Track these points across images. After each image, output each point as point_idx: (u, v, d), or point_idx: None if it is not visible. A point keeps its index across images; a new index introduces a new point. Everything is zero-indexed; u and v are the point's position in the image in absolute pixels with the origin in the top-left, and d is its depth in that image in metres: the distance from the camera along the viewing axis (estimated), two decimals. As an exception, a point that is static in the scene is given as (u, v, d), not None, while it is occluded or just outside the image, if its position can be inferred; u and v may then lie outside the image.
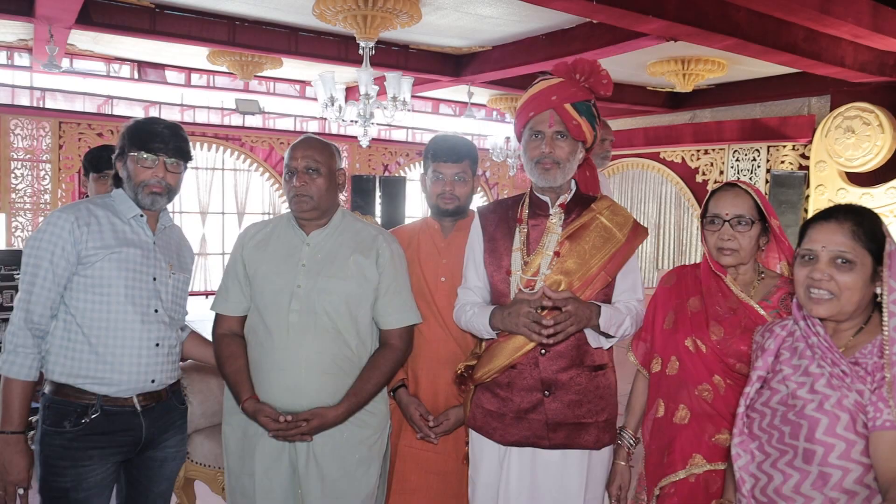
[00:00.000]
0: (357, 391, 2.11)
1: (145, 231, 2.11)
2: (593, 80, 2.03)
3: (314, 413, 2.05)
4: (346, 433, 2.12)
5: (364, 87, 5.60)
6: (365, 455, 2.17)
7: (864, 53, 6.44)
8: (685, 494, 1.88)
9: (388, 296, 2.17)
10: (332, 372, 2.09)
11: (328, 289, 2.10)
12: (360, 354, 2.15)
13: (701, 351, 1.88)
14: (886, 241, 1.47)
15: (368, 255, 2.16)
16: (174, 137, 2.10)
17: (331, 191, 2.17)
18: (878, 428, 1.36)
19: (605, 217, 2.05)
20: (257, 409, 2.07)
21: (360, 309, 2.14)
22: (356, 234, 2.22)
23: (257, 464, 2.12)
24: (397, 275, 2.20)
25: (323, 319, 2.09)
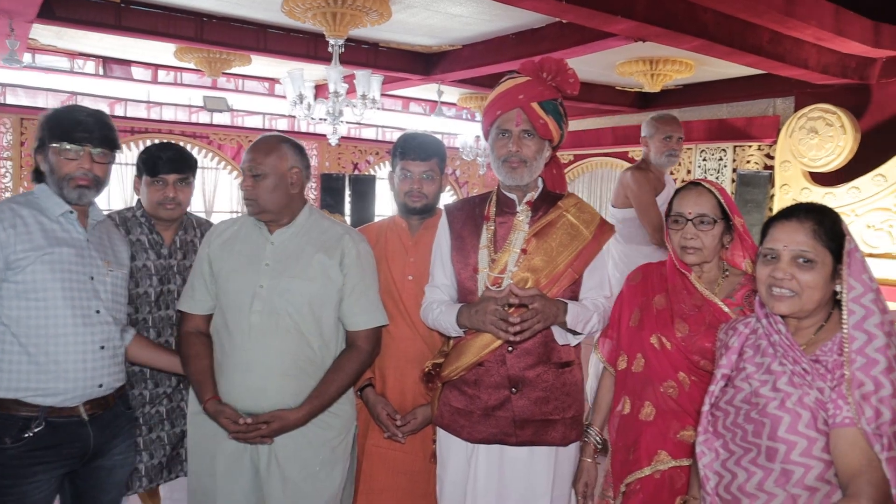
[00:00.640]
0: (319, 393, 2.08)
1: (76, 228, 2.00)
2: (560, 79, 2.04)
3: (274, 415, 2.03)
4: (309, 435, 2.10)
5: (333, 84, 5.56)
6: (328, 457, 2.15)
7: (827, 56, 6.55)
8: (650, 491, 1.90)
9: (354, 297, 2.15)
10: (293, 374, 2.07)
11: (291, 289, 2.07)
12: (323, 356, 2.12)
13: (666, 348, 1.90)
14: (846, 239, 1.49)
15: (333, 256, 2.13)
16: (99, 125, 1.98)
17: (279, 193, 2.10)
18: (837, 425, 1.38)
19: (572, 215, 2.06)
20: (218, 411, 2.05)
21: (323, 310, 2.11)
22: (322, 233, 2.19)
23: (219, 464, 2.10)
24: (363, 275, 2.17)
25: (285, 320, 2.06)
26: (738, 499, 1.48)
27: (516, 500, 2.04)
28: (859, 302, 1.43)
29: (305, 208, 2.21)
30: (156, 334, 2.45)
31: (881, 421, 1.34)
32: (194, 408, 2.17)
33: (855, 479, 1.35)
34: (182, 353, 2.19)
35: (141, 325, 2.39)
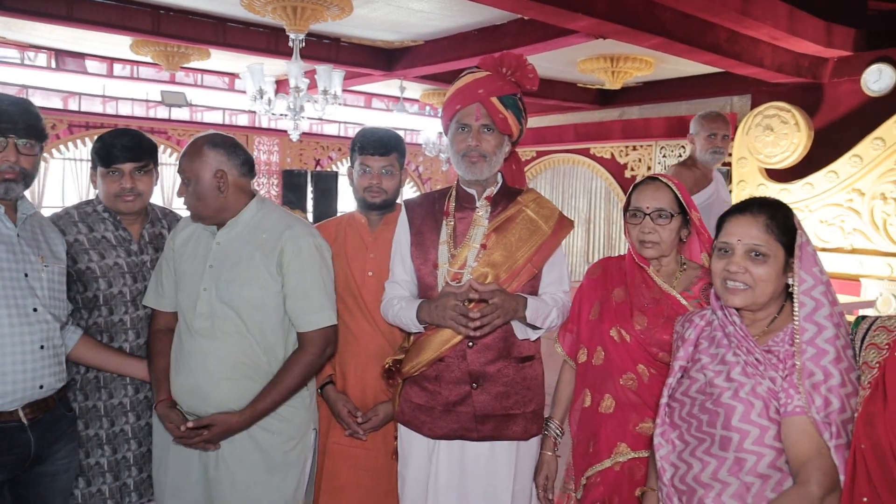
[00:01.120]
0: (263, 396, 2.03)
1: (5, 224, 1.89)
2: (520, 75, 2.04)
3: (215, 419, 2.00)
4: (258, 439, 2.07)
5: (294, 80, 5.51)
6: (280, 461, 2.10)
7: (782, 55, 6.70)
8: (610, 483, 1.92)
9: (295, 297, 2.06)
10: (234, 378, 2.02)
11: (231, 292, 2.02)
12: (270, 359, 2.06)
13: (625, 341, 1.92)
14: (798, 233, 1.52)
15: (270, 256, 2.05)
16: (24, 115, 1.87)
17: (208, 197, 2.04)
18: (789, 413, 1.41)
19: (531, 210, 2.07)
20: (164, 415, 2.04)
21: (266, 312, 2.05)
22: (262, 232, 2.09)
23: (171, 460, 2.09)
24: (304, 274, 2.06)
25: (227, 324, 2.02)
26: (694, 489, 1.50)
27: (478, 495, 2.04)
28: (810, 294, 1.46)
29: (252, 204, 2.11)
30: (135, 336, 2.21)
31: (830, 410, 1.38)
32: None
33: (805, 465, 1.38)
34: (147, 351, 2.16)
35: (118, 327, 2.20)
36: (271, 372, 2.06)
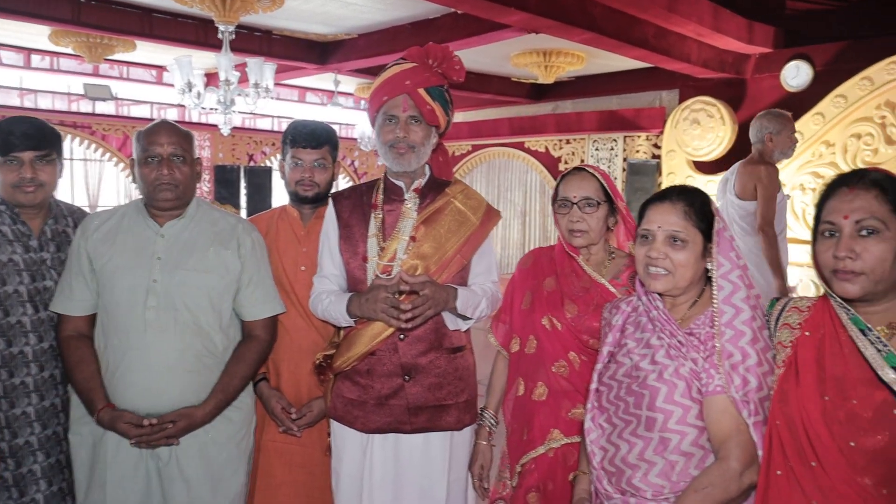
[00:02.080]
0: (224, 387, 2.03)
1: None
2: (446, 66, 2.04)
3: (181, 414, 1.95)
4: (213, 432, 2.04)
5: (224, 73, 5.39)
6: (233, 454, 2.09)
7: (707, 51, 6.91)
8: (545, 469, 1.95)
9: (251, 286, 2.11)
10: (195, 369, 2.00)
11: (188, 282, 2.00)
12: (224, 349, 2.07)
13: (557, 329, 1.95)
14: (715, 219, 1.57)
15: (229, 246, 2.09)
16: None
17: (193, 180, 2.09)
18: (709, 393, 1.46)
19: (460, 201, 2.08)
20: (115, 417, 1.92)
21: (223, 302, 2.06)
22: (214, 223, 2.12)
23: (110, 474, 1.98)
24: (259, 264, 2.14)
25: (184, 315, 1.99)
26: (622, 470, 1.54)
27: (413, 487, 2.05)
28: (727, 278, 1.51)
29: (194, 199, 2.15)
30: (37, 339, 2.10)
31: (748, 388, 1.43)
32: (79, 416, 2.04)
33: (725, 442, 1.43)
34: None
35: (16, 330, 2.06)
36: (224, 361, 2.06)
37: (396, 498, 2.05)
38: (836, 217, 1.35)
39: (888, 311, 1.34)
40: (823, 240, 1.38)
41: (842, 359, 1.35)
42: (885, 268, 1.30)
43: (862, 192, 1.33)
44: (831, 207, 1.37)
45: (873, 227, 1.30)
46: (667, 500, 1.48)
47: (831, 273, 1.35)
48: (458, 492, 2.11)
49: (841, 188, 1.37)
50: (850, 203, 1.33)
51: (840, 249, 1.32)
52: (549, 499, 1.91)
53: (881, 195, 1.32)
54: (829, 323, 1.40)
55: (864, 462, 1.28)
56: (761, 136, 4.03)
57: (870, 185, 1.33)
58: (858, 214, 1.32)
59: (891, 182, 1.34)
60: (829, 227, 1.36)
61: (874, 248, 1.30)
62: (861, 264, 1.31)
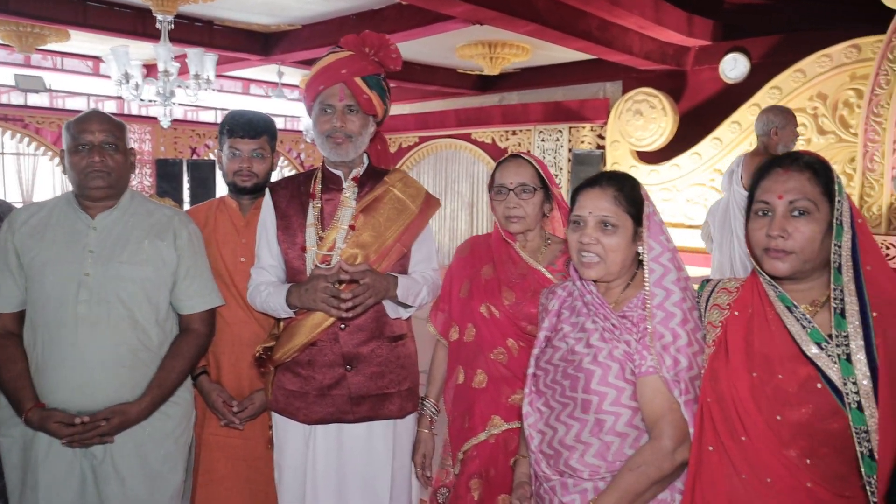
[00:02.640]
0: (160, 382, 1.99)
1: None
2: (383, 54, 2.04)
3: (115, 410, 1.90)
4: (149, 428, 2.00)
5: (163, 63, 5.25)
6: (171, 450, 2.05)
7: (649, 43, 7.04)
8: (486, 455, 1.96)
9: (189, 279, 2.07)
10: (130, 365, 1.95)
11: (122, 275, 1.95)
12: (160, 343, 2.03)
13: (495, 316, 1.96)
14: (645, 204, 1.61)
15: (165, 238, 2.04)
16: None
17: (126, 170, 2.04)
18: (642, 374, 1.49)
19: (398, 189, 2.08)
20: (45, 417, 1.87)
21: (159, 295, 2.02)
22: (148, 215, 2.08)
23: (42, 476, 1.92)
24: (196, 256, 2.10)
25: (118, 309, 1.94)
26: (560, 452, 1.56)
27: (357, 476, 2.04)
28: (658, 261, 1.54)
29: (128, 191, 2.09)
30: None
31: (679, 368, 1.46)
32: (7, 417, 1.97)
33: (658, 422, 1.46)
34: None
35: None
36: (161, 356, 2.02)
37: (340, 488, 2.04)
38: (770, 197, 1.39)
39: (813, 290, 1.39)
40: (757, 219, 1.42)
41: (769, 336, 1.40)
42: (813, 247, 1.35)
43: (795, 174, 1.37)
44: (766, 187, 1.41)
45: (805, 207, 1.35)
46: (603, 480, 1.51)
47: (763, 251, 1.39)
48: (403, 480, 2.12)
49: (775, 169, 1.41)
50: (784, 184, 1.37)
51: (773, 228, 1.36)
52: (491, 485, 1.93)
53: (813, 177, 1.37)
54: (757, 302, 1.44)
55: (789, 435, 1.33)
56: (767, 129, 4.17)
57: (803, 167, 1.38)
58: (792, 195, 1.36)
59: (822, 165, 1.39)
60: (763, 206, 1.40)
61: (805, 228, 1.35)
62: (792, 243, 1.35)
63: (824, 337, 1.33)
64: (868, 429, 1.25)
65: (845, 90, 6.26)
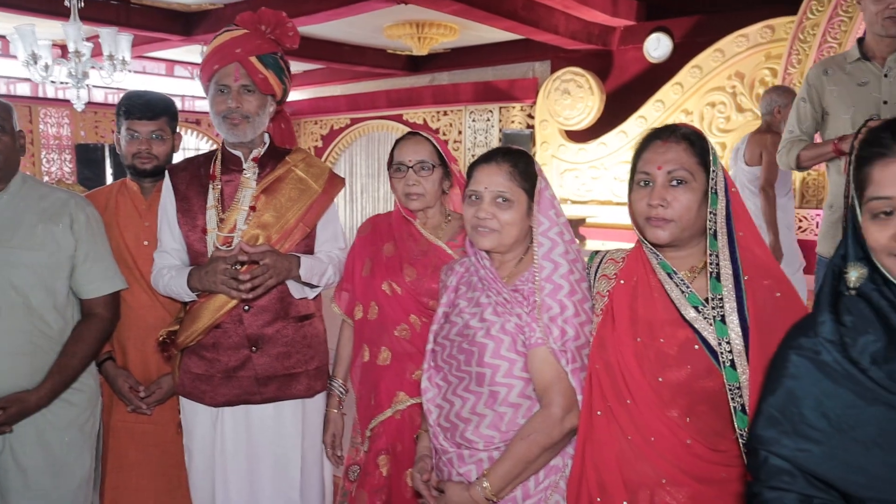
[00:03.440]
0: (61, 368, 1.94)
1: None
2: (279, 32, 2.01)
3: (11, 399, 1.85)
4: (51, 416, 1.95)
5: (73, 44, 5.05)
6: (76, 438, 2.01)
7: (574, 23, 7.12)
8: (393, 432, 1.98)
9: (88, 263, 2.02)
10: (27, 352, 1.90)
11: (13, 261, 1.89)
12: (60, 329, 1.98)
13: (397, 293, 1.98)
14: (538, 179, 1.64)
15: (60, 221, 1.98)
16: None
17: (15, 153, 1.96)
18: (532, 345, 1.53)
19: (301, 169, 2.06)
20: None
21: (56, 280, 1.96)
22: (41, 198, 2.01)
23: None
24: (96, 240, 2.05)
25: (10, 295, 1.88)
26: (456, 425, 1.59)
27: (267, 457, 2.05)
28: (547, 235, 1.58)
29: (19, 174, 2.02)
30: None
31: (566, 338, 1.50)
32: None
33: (547, 391, 1.51)
34: None
35: None
36: (62, 343, 1.97)
37: (251, 469, 2.04)
38: (650, 168, 1.43)
39: (691, 256, 1.45)
40: (639, 189, 1.46)
41: (651, 302, 1.45)
42: (691, 216, 1.40)
43: (673, 145, 1.43)
44: (646, 159, 1.46)
45: (682, 177, 1.40)
46: (497, 450, 1.54)
47: (645, 220, 1.44)
48: (314, 459, 2.12)
49: (655, 141, 1.46)
50: (662, 155, 1.42)
51: (653, 198, 1.41)
52: (398, 460, 1.95)
53: (690, 148, 1.42)
54: (641, 270, 1.50)
55: (670, 395, 1.39)
56: (770, 108, 4.27)
57: (680, 138, 1.43)
58: (670, 165, 1.41)
59: (698, 137, 1.45)
60: (644, 176, 1.45)
61: (683, 197, 1.40)
62: (671, 212, 1.40)
63: (701, 301, 1.39)
64: (740, 385, 1.32)
65: (761, 69, 6.48)
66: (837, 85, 2.62)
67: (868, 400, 1.05)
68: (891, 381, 1.04)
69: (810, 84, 2.72)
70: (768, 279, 1.38)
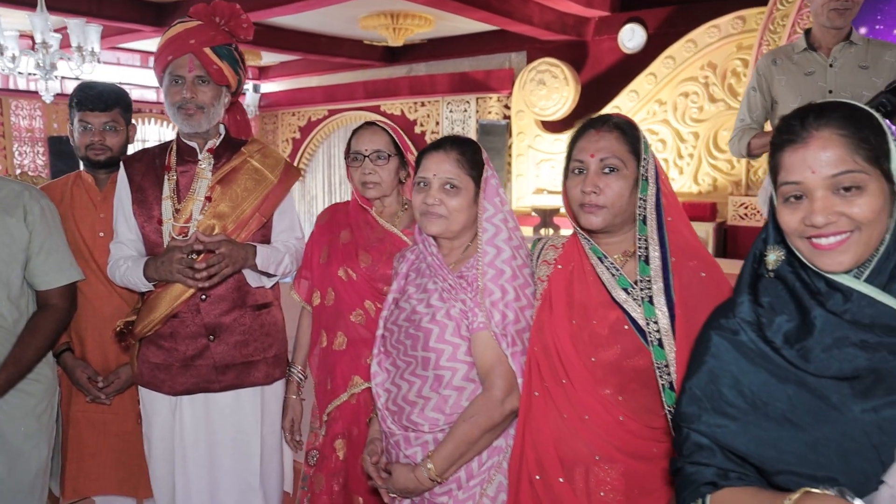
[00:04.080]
0: (16, 359, 1.94)
1: None
2: (233, 24, 2.02)
3: None
4: (7, 406, 1.96)
5: (40, 34, 5.00)
6: (33, 428, 2.02)
7: (548, 14, 7.15)
8: (349, 416, 2.02)
9: (43, 254, 2.02)
10: None
11: None
12: (14, 321, 1.98)
13: (352, 279, 2.01)
14: (485, 168, 1.67)
15: (14, 214, 1.98)
16: None
17: None
18: (474, 330, 1.57)
19: (256, 160, 2.08)
20: None
21: (10, 272, 1.96)
22: None
23: None
24: (51, 232, 2.05)
25: None
26: (403, 408, 1.63)
27: (227, 444, 2.07)
28: (491, 221, 1.61)
29: None
30: None
31: (506, 322, 1.54)
32: None
33: (489, 374, 1.55)
34: None
35: None
36: (16, 335, 1.97)
37: (210, 457, 2.07)
38: (583, 156, 1.48)
39: (624, 241, 1.50)
40: (573, 177, 1.51)
41: (586, 286, 1.50)
42: (622, 202, 1.45)
43: (606, 134, 1.47)
44: (580, 147, 1.50)
45: (614, 165, 1.45)
46: (442, 432, 1.58)
47: (579, 207, 1.48)
48: (273, 445, 2.16)
49: (589, 130, 1.50)
50: (595, 143, 1.47)
51: (587, 185, 1.46)
52: (355, 444, 1.99)
53: (622, 137, 1.47)
54: (577, 256, 1.54)
55: (602, 374, 1.44)
56: None
57: (612, 127, 1.48)
58: (603, 153, 1.45)
59: (630, 126, 1.50)
60: (578, 164, 1.49)
61: (615, 184, 1.45)
62: (604, 199, 1.45)
63: (630, 283, 1.44)
64: (668, 363, 1.37)
65: (733, 60, 6.55)
66: (785, 74, 2.69)
67: (780, 378, 1.10)
68: (802, 359, 1.08)
69: (760, 74, 2.78)
70: (694, 260, 1.43)
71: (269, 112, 10.77)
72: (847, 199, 1.03)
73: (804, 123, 1.06)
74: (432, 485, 1.55)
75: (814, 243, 1.06)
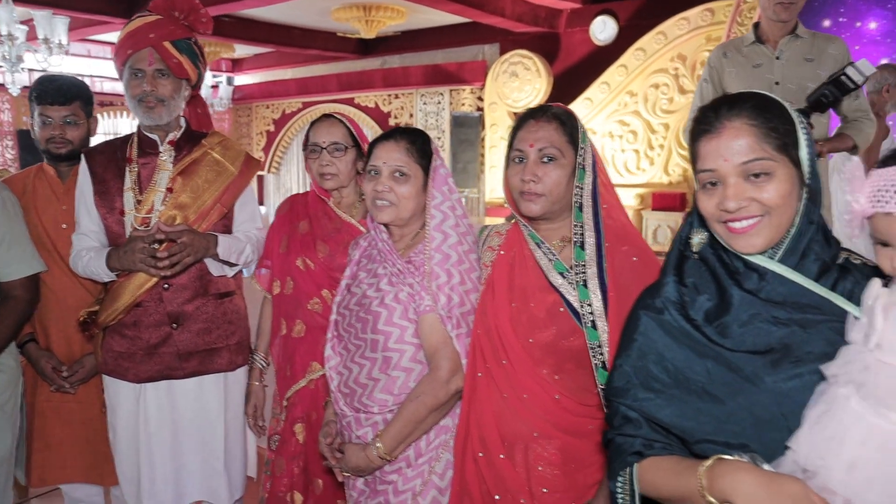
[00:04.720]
0: None
1: None
2: (193, 18, 2.07)
3: None
4: None
5: (6, 26, 4.97)
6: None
7: (521, 5, 7.20)
8: (308, 400, 2.08)
9: (5, 246, 2.05)
10: None
11: None
12: None
13: (310, 268, 2.06)
14: (433, 157, 1.73)
15: None
16: None
17: None
18: (421, 312, 1.63)
19: (217, 152, 2.13)
20: None
21: None
22: None
23: None
24: (12, 223, 2.08)
25: None
26: (354, 390, 1.69)
27: (191, 430, 2.13)
28: (439, 208, 1.67)
29: None
30: None
31: (451, 305, 1.61)
32: None
33: (434, 355, 1.61)
34: None
35: None
36: None
37: (175, 443, 2.12)
38: (523, 145, 1.54)
39: (562, 228, 1.57)
40: (514, 166, 1.57)
41: (526, 271, 1.57)
42: (560, 190, 1.52)
43: (545, 124, 1.53)
44: (520, 137, 1.56)
45: (552, 154, 1.51)
46: (391, 412, 1.64)
47: (519, 195, 1.55)
48: (237, 431, 2.21)
49: (529, 121, 1.57)
50: (535, 133, 1.53)
51: (526, 174, 1.52)
52: (313, 428, 2.05)
53: (560, 127, 1.53)
54: (518, 242, 1.61)
55: (539, 354, 1.51)
56: (879, 87, 4.16)
57: (551, 118, 1.54)
58: (541, 143, 1.52)
59: (568, 116, 1.56)
60: (519, 153, 1.55)
61: (553, 173, 1.51)
62: (542, 187, 1.51)
63: (566, 267, 1.51)
64: (601, 343, 1.44)
65: (702, 51, 6.63)
66: (735, 66, 2.77)
67: (700, 354, 1.17)
68: (720, 335, 1.15)
69: (711, 66, 2.86)
70: (626, 245, 1.50)
71: (243, 105, 10.74)
72: (757, 185, 1.10)
73: (718, 114, 1.13)
74: (382, 463, 1.62)
75: (729, 227, 1.13)
